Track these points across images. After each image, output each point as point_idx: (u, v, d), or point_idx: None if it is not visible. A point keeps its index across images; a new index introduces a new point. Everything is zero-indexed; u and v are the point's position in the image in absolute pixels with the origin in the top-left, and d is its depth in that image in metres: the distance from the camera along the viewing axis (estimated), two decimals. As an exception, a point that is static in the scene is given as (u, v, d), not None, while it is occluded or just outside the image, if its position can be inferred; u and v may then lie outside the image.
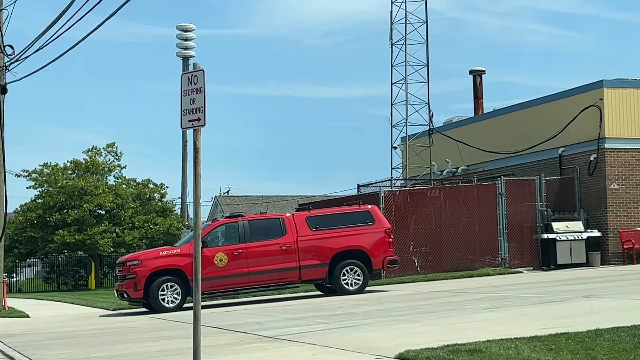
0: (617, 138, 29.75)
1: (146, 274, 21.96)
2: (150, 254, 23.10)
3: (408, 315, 15.72)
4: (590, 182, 30.07)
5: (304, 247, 22.79)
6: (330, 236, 23.02)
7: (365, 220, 23.44)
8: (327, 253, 22.90)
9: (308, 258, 22.75)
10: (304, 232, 22.89)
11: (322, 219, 23.33)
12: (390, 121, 37.02)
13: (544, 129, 31.99)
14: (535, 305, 16.04)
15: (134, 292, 22.05)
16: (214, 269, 22.05)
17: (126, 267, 22.28)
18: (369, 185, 33.52)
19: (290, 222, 22.98)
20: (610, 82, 30.11)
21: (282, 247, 22.66)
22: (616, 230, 29.37)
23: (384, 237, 23.40)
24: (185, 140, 42.94)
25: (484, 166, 35.27)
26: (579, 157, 30.60)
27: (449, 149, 36.39)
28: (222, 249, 22.34)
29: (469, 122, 37.73)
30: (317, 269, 22.87)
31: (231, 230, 22.72)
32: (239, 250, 22.39)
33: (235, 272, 22.25)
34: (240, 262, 22.32)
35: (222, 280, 22.13)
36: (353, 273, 22.99)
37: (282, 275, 22.64)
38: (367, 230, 23.30)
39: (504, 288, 21.25)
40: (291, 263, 22.63)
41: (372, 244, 23.21)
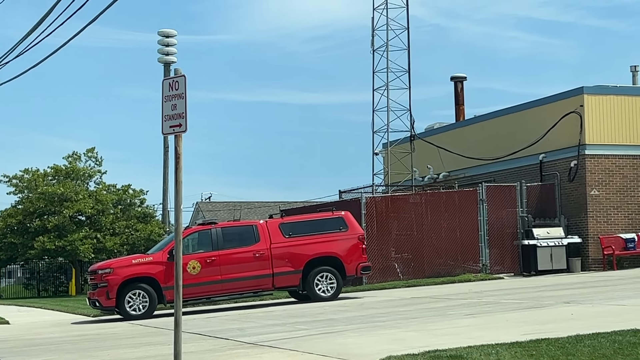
0: (597, 144, 29.91)
1: (118, 282, 21.91)
2: (122, 262, 22.98)
3: (389, 322, 15.72)
4: (570, 188, 30.21)
5: (277, 254, 22.77)
6: (303, 243, 23.03)
7: (338, 227, 23.46)
8: (300, 260, 22.90)
9: (281, 265, 22.73)
10: (277, 239, 22.87)
11: (295, 226, 23.32)
12: (372, 127, 37.10)
13: (524, 135, 32.11)
14: (516, 311, 16.07)
15: (106, 301, 22.02)
16: (186, 277, 21.81)
17: (98, 275, 22.18)
18: (350, 191, 33.54)
19: (264, 229, 22.95)
20: (590, 89, 30.28)
21: (255, 255, 22.63)
22: (596, 236, 29.50)
23: (357, 244, 23.42)
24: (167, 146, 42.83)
25: (465, 172, 35.36)
26: (559, 163, 30.73)
27: (431, 155, 36.47)
28: (194, 257, 22.28)
29: (450, 129, 37.84)
30: (290, 276, 22.87)
31: (204, 238, 22.67)
32: (211, 257, 22.35)
33: (208, 279, 22.22)
34: (213, 270, 22.29)
35: (194, 288, 21.98)
36: (327, 280, 23.00)
37: (256, 283, 22.62)
38: (340, 237, 23.31)
39: (485, 294, 21.30)
40: (264, 270, 22.62)
41: (345, 251, 23.21)
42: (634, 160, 30.14)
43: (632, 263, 29.72)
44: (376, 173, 37.89)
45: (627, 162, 30.07)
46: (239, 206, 75.03)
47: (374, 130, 37.06)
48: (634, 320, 12.40)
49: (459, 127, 37.54)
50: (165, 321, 19.55)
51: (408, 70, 36.43)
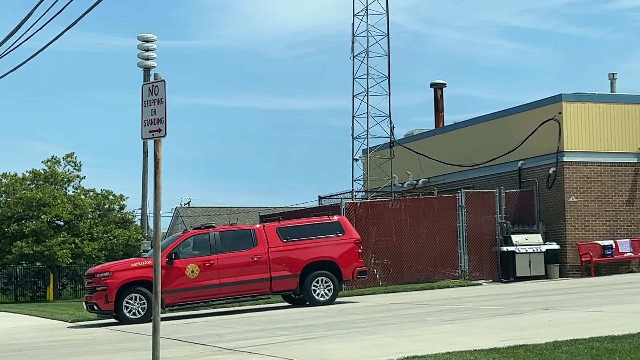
0: (575, 152, 30.06)
1: (117, 286, 21.78)
2: (121, 265, 22.85)
3: (368, 327, 15.73)
4: (549, 195, 30.34)
5: (275, 258, 22.77)
6: (300, 247, 23.06)
7: (335, 231, 23.56)
8: (297, 264, 22.92)
9: (279, 269, 22.76)
10: (275, 243, 22.90)
11: (292, 230, 23.35)
12: (352, 133, 37.07)
13: (503, 142, 32.23)
14: (494, 317, 16.12)
15: (104, 304, 21.83)
16: (185, 280, 22.02)
17: (96, 278, 22.04)
18: (330, 197, 33.53)
19: (261, 233, 22.96)
20: (569, 96, 30.43)
21: (253, 258, 22.62)
22: (574, 243, 29.64)
23: (354, 248, 23.50)
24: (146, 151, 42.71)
25: (444, 179, 35.45)
26: (538, 170, 30.86)
27: (410, 161, 36.54)
28: (193, 260, 22.23)
29: (429, 135, 37.93)
30: (288, 280, 22.86)
31: (202, 242, 22.64)
32: (210, 261, 22.31)
33: (206, 283, 22.18)
34: (211, 273, 22.26)
35: (193, 292, 22.07)
36: (324, 284, 23.05)
37: (254, 287, 22.61)
38: (337, 241, 23.40)
39: (464, 300, 21.34)
40: (262, 274, 22.61)
41: (342, 255, 23.29)
42: (612, 168, 30.30)
43: (610, 270, 29.87)
44: (356, 179, 37.89)
45: (605, 170, 30.24)
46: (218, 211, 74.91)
47: (353, 136, 37.06)
48: (611, 326, 12.46)
49: (439, 133, 37.64)
50: (145, 327, 19.45)
51: (388, 76, 36.47)
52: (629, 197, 30.41)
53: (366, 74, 36.46)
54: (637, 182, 30.54)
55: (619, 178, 30.37)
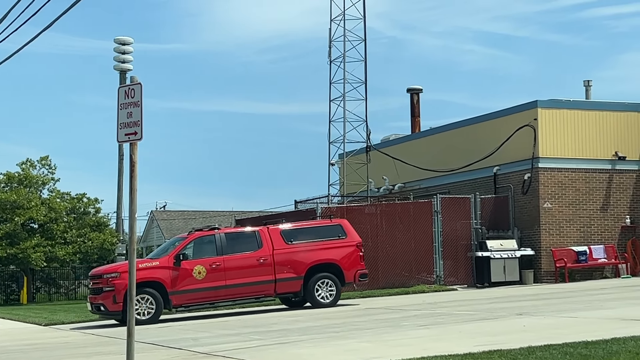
0: (550, 158, 30.22)
1: (126, 287, 21.41)
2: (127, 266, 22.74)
3: (343, 332, 15.73)
4: (524, 201, 30.48)
5: (280, 260, 22.95)
6: (304, 250, 23.29)
7: (337, 234, 23.81)
8: (301, 266, 23.13)
9: (284, 271, 22.94)
10: (279, 245, 23.10)
11: (296, 232, 23.58)
12: (328, 138, 37.08)
13: (479, 147, 32.35)
14: (469, 322, 16.17)
15: (112, 305, 21.73)
16: (192, 282, 22.14)
17: (103, 279, 21.96)
18: (306, 201, 33.50)
19: (266, 235, 23.14)
20: (544, 103, 30.60)
21: (259, 260, 22.81)
22: (549, 248, 29.78)
23: (355, 251, 23.78)
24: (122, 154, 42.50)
25: (420, 184, 35.53)
26: (513, 176, 31.00)
27: (386, 166, 36.60)
28: (200, 262, 22.35)
29: (406, 140, 38.01)
30: (292, 282, 23.04)
31: (209, 243, 22.76)
32: (217, 263, 22.45)
33: (213, 284, 22.31)
34: (218, 275, 22.38)
35: (200, 293, 22.22)
36: (326, 286, 23.28)
37: (259, 289, 22.78)
38: (339, 244, 23.66)
39: (439, 305, 21.39)
40: (267, 276, 22.79)
41: (344, 258, 23.55)
42: (587, 174, 30.49)
43: (584, 276, 30.04)
44: (332, 183, 37.89)
45: (580, 176, 30.42)
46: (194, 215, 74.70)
47: (330, 140, 37.07)
48: (585, 332, 12.53)
49: (415, 138, 37.74)
50: (120, 331, 19.36)
51: (365, 81, 36.53)
52: (603, 204, 30.60)
53: (343, 79, 36.50)
54: (611, 189, 30.74)
55: (593, 184, 30.55)
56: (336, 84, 36.90)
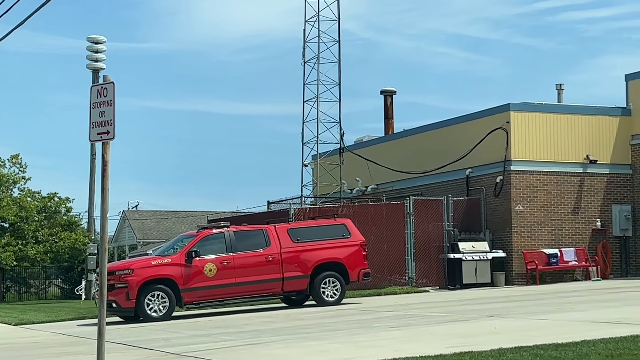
0: (522, 160, 30.36)
1: (139, 283, 21.82)
2: (141, 262, 22.90)
3: (315, 333, 15.74)
4: (496, 203, 30.61)
5: (287, 258, 23.23)
6: (311, 248, 23.59)
7: (341, 234, 24.15)
8: (308, 264, 23.41)
9: (291, 269, 23.22)
10: (287, 244, 23.39)
11: (302, 231, 23.91)
12: (302, 139, 37.09)
13: (452, 150, 32.46)
14: (440, 324, 16.23)
15: (125, 302, 21.79)
16: (203, 279, 22.33)
17: (116, 276, 21.95)
18: (279, 202, 33.49)
19: (273, 234, 23.43)
20: (516, 106, 30.74)
21: (267, 258, 23.05)
22: (520, 251, 29.92)
23: (359, 250, 24.13)
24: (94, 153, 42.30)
25: (393, 185, 35.61)
26: (485, 178, 31.13)
27: (359, 167, 36.65)
28: (211, 259, 22.53)
29: (379, 142, 38.08)
30: (299, 280, 23.32)
31: (218, 241, 22.96)
32: (227, 260, 22.66)
33: (223, 282, 22.51)
34: (228, 272, 22.59)
35: (210, 290, 22.42)
36: (332, 284, 23.57)
37: (267, 286, 23.06)
38: (344, 243, 24.01)
39: (411, 307, 21.45)
40: (275, 274, 23.06)
41: (349, 257, 23.89)
42: (558, 177, 30.66)
43: (555, 278, 30.20)
44: (305, 184, 37.92)
45: (551, 179, 30.59)
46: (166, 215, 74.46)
47: (303, 141, 37.09)
48: (555, 334, 12.61)
49: (388, 140, 37.82)
50: (92, 330, 19.25)
51: (339, 82, 36.57)
52: (574, 207, 30.78)
53: (317, 80, 36.52)
54: (583, 192, 30.93)
55: (564, 187, 30.73)
56: (310, 85, 36.93)
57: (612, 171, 31.37)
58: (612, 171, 31.37)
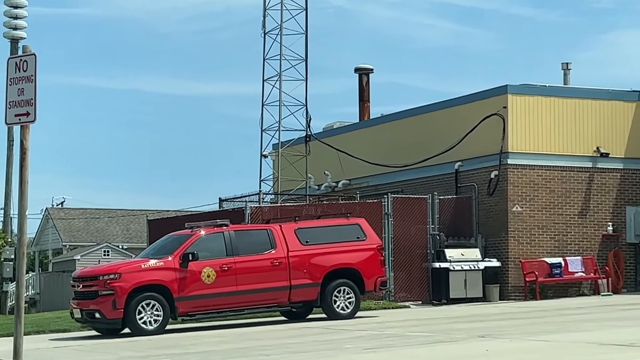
0: (521, 153, 30.48)
1: (128, 290, 21.89)
2: (129, 266, 22.90)
3: (275, 356, 15.75)
4: (490, 203, 30.75)
5: (295, 263, 23.53)
6: (321, 252, 23.93)
7: (356, 235, 24.55)
8: (319, 271, 23.71)
9: (299, 276, 23.51)
10: (295, 246, 23.70)
11: (312, 232, 24.25)
12: (261, 124, 37.05)
13: (439, 139, 32.55)
14: (423, 345, 16.28)
15: (111, 312, 21.81)
16: (200, 286, 22.50)
17: (100, 281, 22.05)
18: (233, 199, 33.43)
19: (279, 234, 23.74)
20: (515, 88, 30.88)
21: (273, 263, 23.36)
22: (518, 260, 30.06)
23: (376, 255, 24.47)
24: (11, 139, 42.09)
25: (368, 181, 35.66)
26: (478, 173, 31.25)
27: (329, 159, 36.66)
28: (209, 263, 22.69)
29: (352, 129, 38.11)
30: (308, 289, 23.60)
31: (217, 242, 23.19)
32: (227, 265, 22.89)
33: (223, 290, 22.72)
34: (229, 279, 22.83)
35: (208, 300, 22.63)
36: (344, 295, 23.93)
37: (272, 296, 23.33)
38: (359, 247, 24.37)
39: (388, 325, 21.51)
40: (282, 282, 23.35)
41: (364, 262, 24.23)
42: (563, 173, 30.83)
43: (558, 292, 30.41)
44: (264, 179, 37.90)
45: (556, 175, 30.76)
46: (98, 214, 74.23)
47: (262, 127, 37.05)
48: (556, 357, 12.72)
49: (363, 127, 37.86)
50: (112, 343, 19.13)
51: (305, 58, 36.55)
52: (582, 208, 30.99)
53: (279, 55, 36.48)
54: (592, 191, 31.12)
55: (570, 185, 30.91)
56: (271, 61, 36.88)
57: (626, 166, 31.61)
58: (626, 166, 31.61)
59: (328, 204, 31.49)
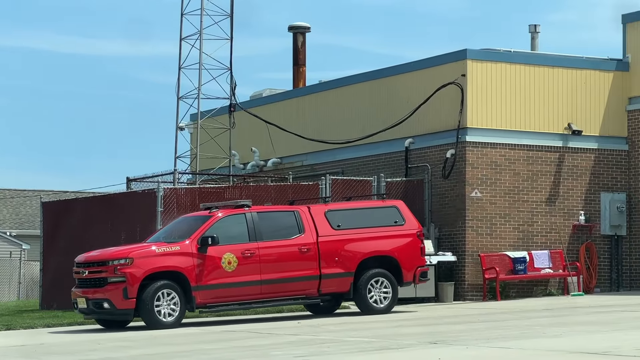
0: (481, 129, 30.62)
1: (140, 278, 22.71)
2: (142, 250, 23.54)
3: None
4: (445, 187, 30.88)
5: (326, 250, 24.42)
6: (355, 238, 24.90)
7: (393, 220, 25.49)
8: (352, 259, 24.66)
9: (330, 265, 24.44)
10: (325, 231, 24.63)
11: (344, 215, 25.21)
12: (177, 91, 36.82)
13: (386, 112, 32.63)
14: (365, 352, 16.36)
15: (121, 302, 22.61)
16: (221, 274, 23.42)
17: (110, 266, 22.81)
18: (143, 179, 33.26)
19: (307, 217, 24.65)
20: (475, 53, 30.99)
21: (301, 250, 24.31)
22: (476, 253, 30.21)
23: (416, 242, 25.48)
24: None
25: (303, 159, 35.65)
26: (431, 152, 31.37)
27: (257, 133, 36.58)
28: (230, 249, 23.56)
29: (285, 98, 38.02)
30: (340, 280, 24.57)
31: (238, 224, 24.03)
32: (250, 250, 23.77)
33: (245, 279, 23.62)
34: (252, 267, 23.75)
35: (230, 290, 23.51)
36: (380, 286, 24.87)
37: (300, 287, 24.27)
38: (396, 232, 25.38)
39: (323, 329, 21.58)
40: (311, 271, 24.30)
41: (402, 250, 25.24)
42: (529, 153, 31.00)
43: (521, 291, 30.64)
44: (180, 155, 37.69)
45: (521, 155, 30.93)
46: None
47: (179, 95, 36.87)
48: (520, 368, 12.84)
49: (298, 96, 37.79)
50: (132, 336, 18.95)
51: (231, 13, 36.39)
52: (551, 194, 31.22)
53: (200, 10, 36.32)
54: (562, 174, 31.34)
55: (538, 167, 31.11)
56: (190, 16, 36.70)
57: (601, 146, 31.94)
58: (601, 146, 31.94)
59: (255, 186, 31.45)
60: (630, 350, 14.93)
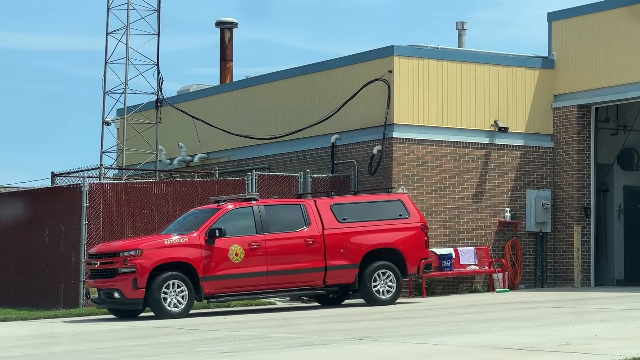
0: (409, 125, 30.67)
1: (150, 268, 23.57)
2: (151, 242, 24.38)
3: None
4: (371, 183, 30.89)
5: (332, 242, 25.21)
6: (360, 231, 25.68)
7: (398, 213, 26.24)
8: (357, 251, 25.43)
9: (336, 257, 25.23)
10: (331, 224, 25.41)
11: (349, 209, 25.99)
12: (103, 86, 36.67)
13: (313, 108, 32.61)
14: (289, 349, 16.32)
15: (131, 291, 23.48)
16: (228, 265, 24.23)
17: (120, 257, 23.64)
18: (68, 174, 33.03)
19: (313, 210, 25.45)
20: (402, 50, 31.03)
21: (307, 242, 25.05)
22: (402, 250, 30.28)
23: (420, 235, 26.31)
24: None
25: (229, 155, 35.58)
26: (358, 148, 31.39)
27: (184, 129, 36.47)
28: (237, 240, 24.36)
29: (212, 93, 37.95)
30: (345, 271, 25.30)
31: (246, 217, 24.85)
32: (257, 242, 24.56)
33: (252, 270, 24.46)
34: (258, 259, 24.58)
35: (236, 280, 24.32)
36: (385, 278, 25.60)
37: (306, 278, 25.06)
38: (401, 225, 26.16)
39: (249, 325, 21.54)
40: (316, 262, 25.08)
41: (407, 242, 26.04)
42: (456, 149, 31.11)
43: (447, 288, 30.75)
44: (106, 150, 37.53)
45: (448, 151, 31.03)
46: None
47: (105, 90, 36.67)
48: (444, 364, 12.84)
49: (225, 92, 37.72)
50: None
51: (158, 8, 36.25)
52: (477, 191, 31.36)
53: (127, 4, 36.12)
54: (488, 170, 31.50)
55: (464, 164, 31.23)
56: (117, 10, 36.49)
57: (527, 143, 32.14)
58: (527, 143, 32.14)
59: (181, 181, 31.35)
60: (554, 346, 15.03)
